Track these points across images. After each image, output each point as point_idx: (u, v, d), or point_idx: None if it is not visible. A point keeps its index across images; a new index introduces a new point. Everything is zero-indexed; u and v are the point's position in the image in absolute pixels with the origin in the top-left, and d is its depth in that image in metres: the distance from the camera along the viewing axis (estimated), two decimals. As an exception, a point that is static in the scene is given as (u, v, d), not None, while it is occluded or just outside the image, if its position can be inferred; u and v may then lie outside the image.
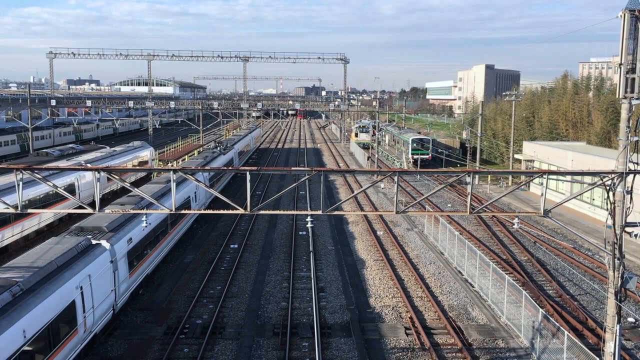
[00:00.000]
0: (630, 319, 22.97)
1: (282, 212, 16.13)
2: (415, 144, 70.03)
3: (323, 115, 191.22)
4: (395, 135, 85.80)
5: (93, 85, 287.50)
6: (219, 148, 55.99)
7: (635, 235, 14.49)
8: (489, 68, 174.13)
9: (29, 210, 16.80)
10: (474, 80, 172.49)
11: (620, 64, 13.64)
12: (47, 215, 34.03)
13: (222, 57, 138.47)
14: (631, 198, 14.02)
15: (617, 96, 14.03)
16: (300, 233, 36.24)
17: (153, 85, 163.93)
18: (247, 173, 14.95)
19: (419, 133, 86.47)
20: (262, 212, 15.75)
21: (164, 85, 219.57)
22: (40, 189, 32.25)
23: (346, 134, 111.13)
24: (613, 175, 14.07)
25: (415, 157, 68.72)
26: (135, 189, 16.32)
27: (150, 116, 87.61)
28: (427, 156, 69.12)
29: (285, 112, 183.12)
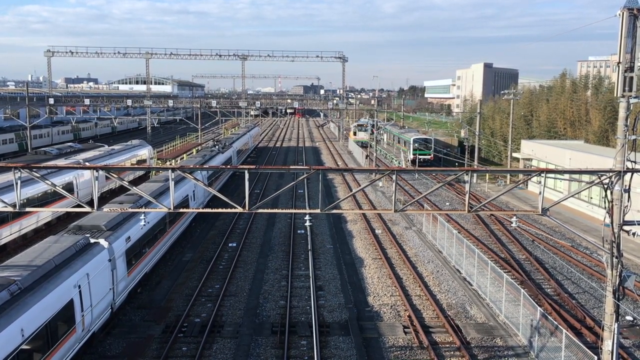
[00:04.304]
0: (628, 318, 23.01)
1: (280, 210, 16.13)
2: (417, 144, 69.50)
3: (321, 114, 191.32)
4: (396, 135, 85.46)
5: (91, 83, 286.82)
6: (217, 147, 56.01)
7: (633, 234, 14.51)
8: (488, 67, 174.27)
9: (27, 209, 16.77)
10: (473, 79, 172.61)
11: (619, 63, 13.65)
12: (45, 214, 33.99)
13: (220, 56, 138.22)
14: (629, 196, 14.04)
15: (615, 95, 14.05)
16: (299, 232, 36.24)
17: (151, 84, 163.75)
18: (246, 172, 14.94)
19: (418, 132, 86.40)
20: (260, 210, 15.75)
21: (162, 83, 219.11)
22: (39, 188, 32.20)
23: (344, 132, 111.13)
24: (611, 174, 14.09)
25: (417, 157, 68.35)
26: (134, 187, 16.31)
27: (149, 115, 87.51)
28: (429, 156, 68.67)
29: (283, 110, 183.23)
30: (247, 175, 15.01)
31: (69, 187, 36.77)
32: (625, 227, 14.33)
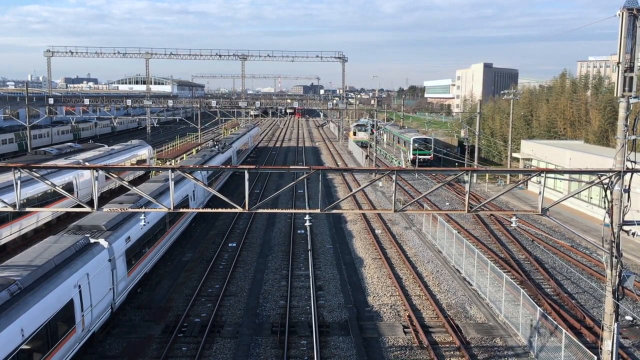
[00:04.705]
0: (628, 317, 23.02)
1: (280, 210, 16.14)
2: (417, 144, 69.54)
3: (321, 114, 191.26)
4: (396, 135, 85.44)
5: (91, 83, 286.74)
6: (217, 147, 56.02)
7: (633, 234, 14.52)
8: (487, 67, 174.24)
9: (27, 209, 16.76)
10: (472, 79, 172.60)
11: (619, 63, 13.66)
12: (45, 214, 33.99)
13: (220, 56, 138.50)
14: (629, 196, 14.05)
15: (615, 95, 14.06)
16: (299, 232, 36.25)
17: (151, 84, 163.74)
18: (246, 171, 14.94)
19: (418, 132, 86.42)
20: (260, 210, 15.76)
21: (162, 83, 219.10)
22: (39, 188, 32.21)
23: (344, 132, 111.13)
24: (611, 174, 14.10)
25: (417, 157, 68.39)
26: (134, 187, 16.31)
27: (149, 115, 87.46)
28: (429, 156, 68.69)
29: (283, 110, 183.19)
30: (247, 175, 15.01)
31: (69, 187, 36.77)
32: (625, 227, 14.34)
